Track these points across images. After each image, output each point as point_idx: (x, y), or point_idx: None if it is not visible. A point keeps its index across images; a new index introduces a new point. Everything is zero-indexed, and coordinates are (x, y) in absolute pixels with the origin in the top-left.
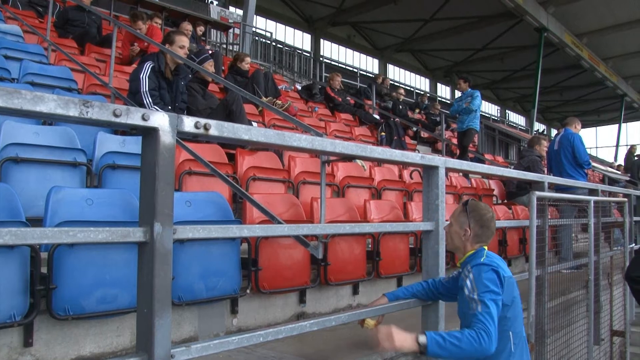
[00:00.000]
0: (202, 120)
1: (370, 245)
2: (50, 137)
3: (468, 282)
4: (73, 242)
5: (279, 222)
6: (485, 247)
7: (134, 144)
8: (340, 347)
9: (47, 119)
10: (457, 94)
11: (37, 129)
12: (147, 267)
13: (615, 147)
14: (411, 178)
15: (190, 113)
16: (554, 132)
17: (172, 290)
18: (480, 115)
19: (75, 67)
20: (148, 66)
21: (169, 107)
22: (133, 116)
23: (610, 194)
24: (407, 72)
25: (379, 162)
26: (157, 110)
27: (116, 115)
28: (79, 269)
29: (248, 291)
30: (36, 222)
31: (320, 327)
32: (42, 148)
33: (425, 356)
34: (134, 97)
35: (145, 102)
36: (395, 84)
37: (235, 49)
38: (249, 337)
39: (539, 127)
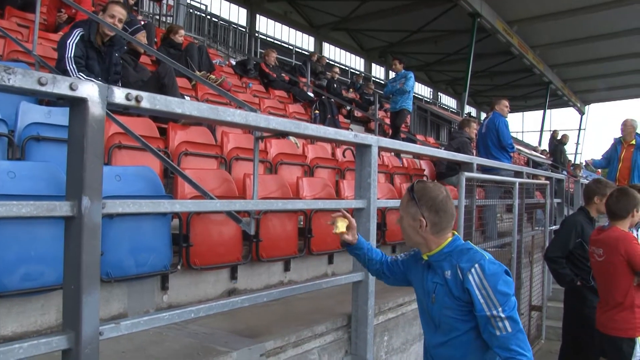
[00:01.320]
0: (134, 92)
1: (302, 222)
2: None
3: (477, 293)
4: None
5: (211, 198)
6: (456, 233)
7: (60, 115)
8: (272, 322)
9: None
10: (392, 74)
11: None
12: (74, 243)
13: (539, 132)
14: (344, 156)
15: (121, 85)
16: (483, 115)
17: (100, 267)
18: (413, 96)
19: None
20: (77, 33)
21: (100, 79)
22: (60, 85)
23: (534, 176)
24: (343, 51)
25: (313, 139)
26: (81, 78)
27: (41, 84)
28: (0, 244)
29: (179, 267)
30: None
31: (252, 303)
32: None
33: None
34: (59, 65)
35: (68, 68)
36: (331, 62)
37: (168, 21)
38: (180, 313)
39: (469, 110)
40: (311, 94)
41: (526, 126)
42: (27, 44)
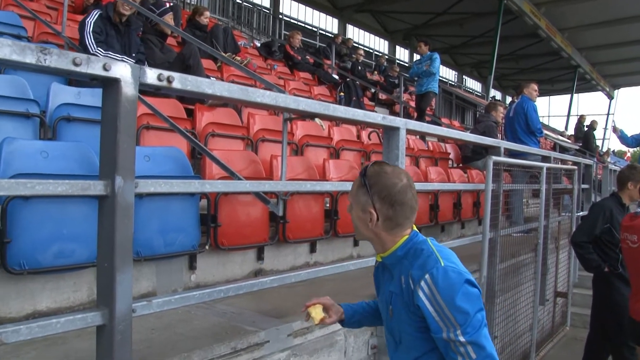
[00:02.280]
0: (165, 73)
1: (328, 204)
2: (0, 87)
3: (430, 310)
4: (31, 195)
5: (239, 179)
6: (414, 229)
7: (89, 96)
8: (298, 304)
9: (1, 66)
10: (416, 57)
11: None
12: (108, 221)
13: (566, 117)
14: (369, 139)
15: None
16: (508, 99)
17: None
18: (438, 79)
19: (24, 14)
20: (96, 12)
21: (119, 55)
22: (94, 66)
23: (561, 161)
24: (367, 34)
25: (341, 121)
26: (99, 53)
27: (76, 64)
28: (34, 222)
29: (207, 247)
30: None
31: (280, 284)
32: None
33: None
34: (80, 43)
35: (87, 42)
36: (355, 44)
37: (193, 3)
38: (210, 292)
39: (494, 93)
40: (336, 76)
41: (552, 110)
42: (57, 25)
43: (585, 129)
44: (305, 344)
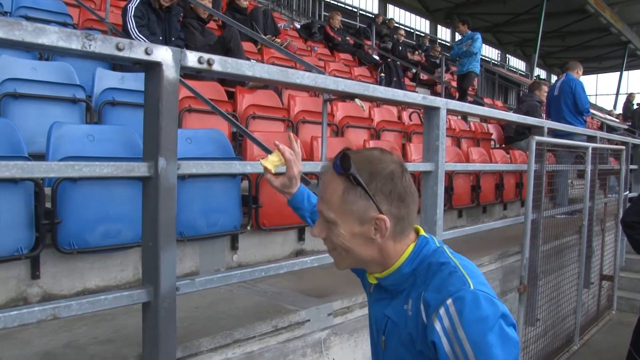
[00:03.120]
0: (206, 56)
1: None
2: (48, 73)
3: (446, 348)
4: (79, 177)
5: None
6: (421, 230)
7: (132, 81)
8: (338, 284)
9: (49, 52)
10: (458, 36)
11: (34, 64)
12: (151, 202)
13: (615, 95)
14: (410, 120)
15: (188, 50)
16: (554, 78)
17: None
18: (480, 58)
19: (69, 1)
20: None
21: (160, 39)
22: (136, 50)
23: (608, 141)
24: (407, 13)
25: (381, 101)
26: (140, 37)
27: (119, 49)
28: (82, 204)
29: (248, 228)
30: (37, 158)
31: (320, 263)
32: (40, 83)
33: None
34: (123, 28)
35: (129, 27)
36: (396, 25)
37: None
38: (251, 272)
39: (539, 72)
40: (376, 57)
41: (600, 89)
42: (100, 12)
43: (635, 107)
44: (346, 324)
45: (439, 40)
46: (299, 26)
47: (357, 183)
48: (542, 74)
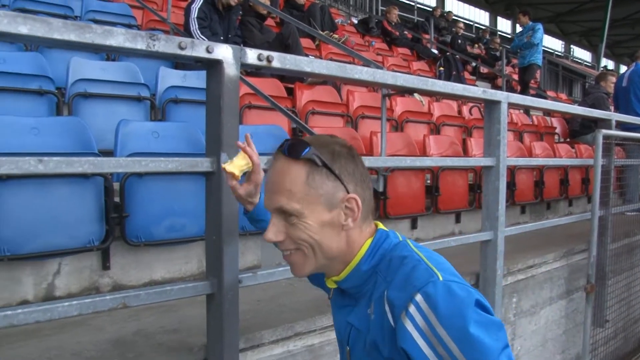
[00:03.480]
0: (265, 53)
1: (429, 181)
2: (115, 73)
3: (425, 349)
4: (145, 172)
5: None
6: (378, 225)
7: (194, 79)
8: None
9: (116, 53)
10: (518, 28)
11: (102, 64)
12: (214, 197)
13: None
14: (470, 114)
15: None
16: (623, 68)
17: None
18: (543, 50)
19: (133, 4)
20: None
21: (221, 38)
22: (198, 49)
23: None
24: (466, 5)
25: (440, 96)
26: (203, 38)
27: (181, 48)
28: (148, 198)
29: None
30: (106, 154)
31: None
32: (108, 83)
33: None
34: (185, 28)
35: (192, 28)
36: (454, 17)
37: None
38: None
39: (606, 62)
40: (435, 51)
41: None
42: (162, 12)
43: None
44: None
45: (499, 33)
46: (356, 21)
47: (322, 164)
48: (610, 64)
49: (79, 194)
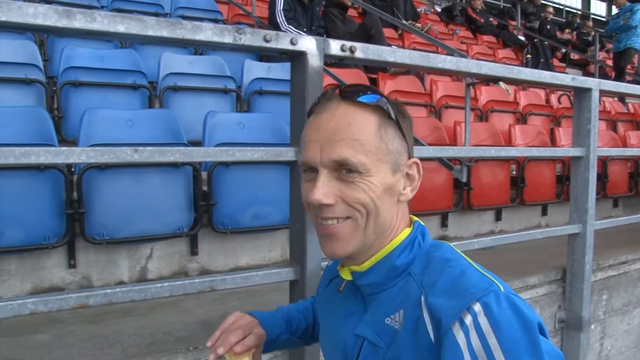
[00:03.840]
0: (348, 43)
1: (514, 172)
2: (202, 66)
3: None
4: (232, 161)
5: (422, 145)
6: (416, 218)
7: (278, 70)
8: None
9: (204, 47)
10: (614, 10)
11: (191, 59)
12: (299, 186)
13: None
14: (559, 102)
15: (330, 38)
16: None
17: None
18: None
19: None
20: None
21: (305, 30)
22: (282, 41)
23: None
24: None
25: (527, 84)
26: (290, 29)
27: (266, 41)
28: (234, 187)
29: None
30: (194, 144)
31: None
32: (196, 76)
33: None
34: (271, 20)
35: (278, 20)
36: (543, 2)
37: None
38: None
39: None
40: (522, 38)
41: None
42: (247, 6)
43: None
44: None
45: (592, 16)
46: (439, 10)
47: (394, 116)
48: None
49: (170, 182)
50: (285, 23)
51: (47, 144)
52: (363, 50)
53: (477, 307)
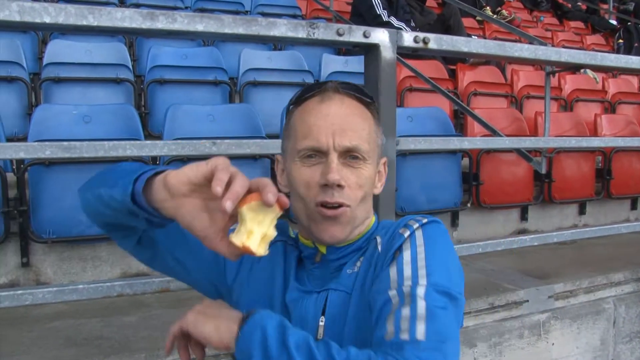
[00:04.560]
0: (421, 35)
1: (600, 164)
2: (281, 61)
3: (405, 254)
4: None
5: (500, 136)
6: None
7: (355, 64)
8: (562, 266)
9: (279, 42)
10: None
11: (269, 54)
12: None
13: None
14: None
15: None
16: None
17: (395, 201)
18: None
19: None
20: None
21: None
22: (355, 34)
23: None
24: None
25: (616, 71)
26: (392, 20)
27: (339, 34)
28: None
29: (468, 205)
30: (272, 138)
31: (541, 242)
32: (274, 71)
33: None
34: (368, 12)
35: (380, 12)
36: None
37: None
38: (468, 247)
39: None
40: (614, 22)
41: None
42: (325, 1)
43: None
44: (568, 308)
45: None
46: None
47: (375, 114)
48: None
49: (245, 174)
50: (387, 14)
51: (133, 139)
52: (436, 41)
53: (412, 222)
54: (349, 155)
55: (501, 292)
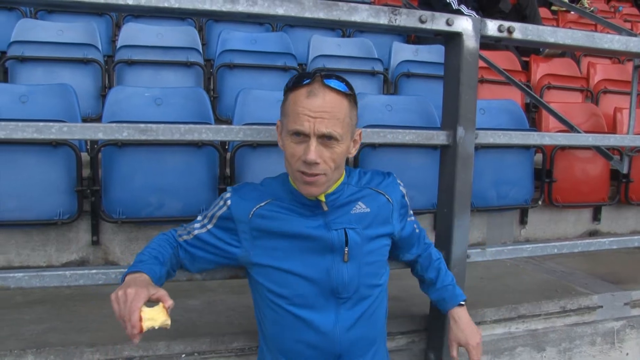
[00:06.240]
0: (506, 23)
1: None
2: (351, 48)
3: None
4: (383, 142)
5: (578, 132)
6: None
7: (426, 53)
8: (638, 270)
9: (360, 28)
10: None
11: (339, 41)
12: (448, 170)
13: None
14: None
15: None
16: None
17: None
18: None
19: None
20: None
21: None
22: (438, 22)
23: None
24: None
25: None
26: (461, 8)
27: (422, 22)
28: (381, 169)
29: (539, 202)
30: None
31: (619, 246)
32: (344, 58)
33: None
34: (427, 2)
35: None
36: None
37: None
38: (543, 247)
39: None
40: None
41: None
42: None
43: None
44: None
45: None
46: None
47: (354, 100)
48: None
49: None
50: (456, 3)
51: (206, 122)
52: (522, 31)
53: (393, 177)
54: (325, 137)
55: (573, 295)
